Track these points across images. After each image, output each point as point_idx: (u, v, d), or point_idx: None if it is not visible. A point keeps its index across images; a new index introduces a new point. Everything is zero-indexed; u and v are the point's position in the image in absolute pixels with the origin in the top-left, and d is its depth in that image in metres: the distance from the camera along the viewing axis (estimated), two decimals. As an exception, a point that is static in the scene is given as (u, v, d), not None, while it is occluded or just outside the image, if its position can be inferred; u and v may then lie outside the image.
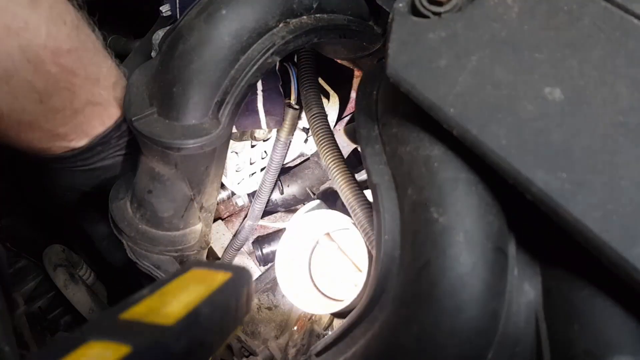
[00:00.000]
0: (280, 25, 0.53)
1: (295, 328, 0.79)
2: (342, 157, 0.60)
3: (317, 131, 0.62)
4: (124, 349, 0.23)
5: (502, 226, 0.38)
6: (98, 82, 0.62)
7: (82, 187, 0.72)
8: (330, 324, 0.73)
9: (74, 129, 0.64)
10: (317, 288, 0.71)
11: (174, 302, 0.27)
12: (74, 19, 0.58)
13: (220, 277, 0.30)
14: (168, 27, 0.62)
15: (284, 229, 0.70)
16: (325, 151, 0.60)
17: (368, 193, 0.57)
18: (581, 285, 0.35)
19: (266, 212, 0.90)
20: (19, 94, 0.57)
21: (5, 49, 0.53)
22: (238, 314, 0.31)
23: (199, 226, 0.66)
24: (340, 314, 0.64)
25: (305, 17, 0.54)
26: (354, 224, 0.59)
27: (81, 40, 0.59)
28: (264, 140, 0.72)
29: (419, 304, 0.37)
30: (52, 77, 0.57)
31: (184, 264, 0.33)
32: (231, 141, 0.67)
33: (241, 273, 0.32)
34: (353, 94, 0.96)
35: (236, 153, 0.70)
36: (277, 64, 0.68)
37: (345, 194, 0.58)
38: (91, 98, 0.62)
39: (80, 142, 0.66)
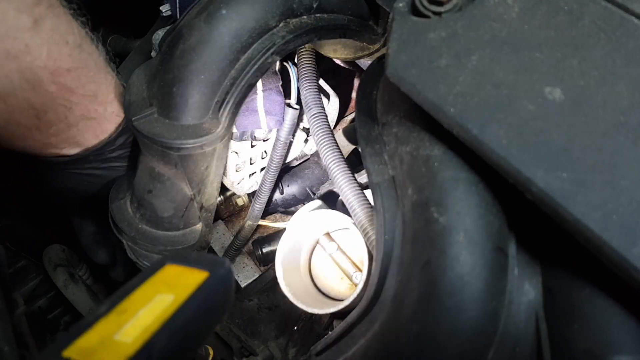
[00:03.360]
0: (281, 25, 0.53)
1: (295, 328, 0.79)
2: (342, 157, 0.60)
3: (317, 131, 0.62)
4: None
5: (502, 226, 0.38)
6: (95, 99, 0.63)
7: (73, 189, 0.72)
8: (330, 324, 0.72)
9: (65, 139, 0.64)
10: (317, 288, 0.71)
11: (131, 326, 0.24)
12: (77, 38, 0.58)
13: (194, 279, 0.28)
14: (168, 27, 0.62)
15: (284, 229, 0.69)
16: (325, 151, 0.60)
17: (368, 193, 0.57)
18: (581, 285, 0.35)
19: (266, 212, 0.90)
20: (15, 110, 0.57)
21: (4, 72, 0.53)
22: (207, 327, 0.28)
23: (199, 226, 0.66)
24: (340, 314, 0.64)
25: (305, 16, 0.54)
26: (354, 224, 0.59)
27: (83, 58, 0.59)
28: (264, 140, 0.72)
29: (419, 304, 0.37)
30: (50, 95, 0.58)
31: (161, 258, 0.31)
32: (231, 141, 0.67)
33: (219, 272, 0.29)
34: (353, 94, 0.96)
35: (236, 153, 0.70)
36: (277, 63, 0.68)
37: (345, 194, 0.58)
38: (86, 114, 0.63)
39: (72, 151, 0.66)
